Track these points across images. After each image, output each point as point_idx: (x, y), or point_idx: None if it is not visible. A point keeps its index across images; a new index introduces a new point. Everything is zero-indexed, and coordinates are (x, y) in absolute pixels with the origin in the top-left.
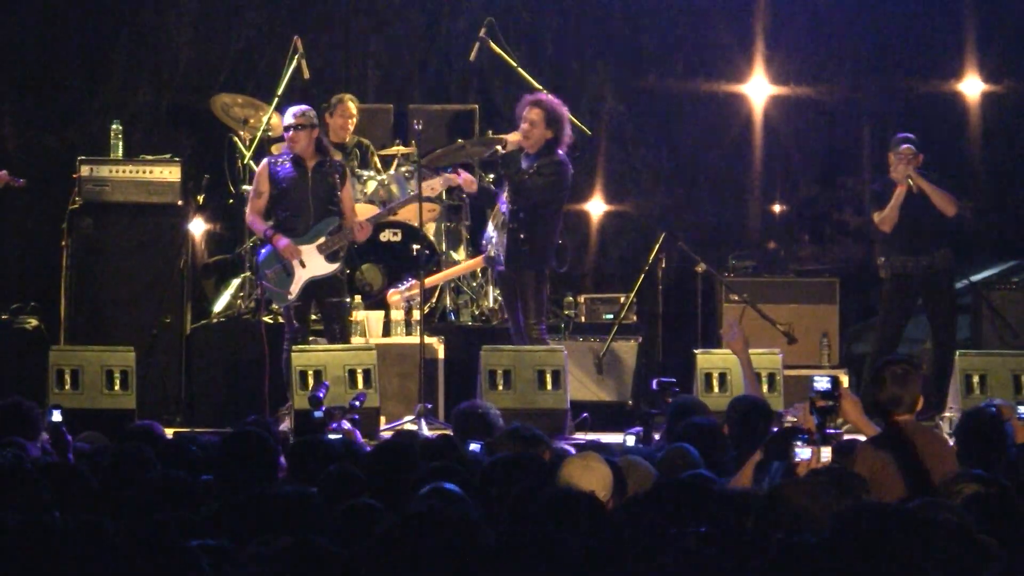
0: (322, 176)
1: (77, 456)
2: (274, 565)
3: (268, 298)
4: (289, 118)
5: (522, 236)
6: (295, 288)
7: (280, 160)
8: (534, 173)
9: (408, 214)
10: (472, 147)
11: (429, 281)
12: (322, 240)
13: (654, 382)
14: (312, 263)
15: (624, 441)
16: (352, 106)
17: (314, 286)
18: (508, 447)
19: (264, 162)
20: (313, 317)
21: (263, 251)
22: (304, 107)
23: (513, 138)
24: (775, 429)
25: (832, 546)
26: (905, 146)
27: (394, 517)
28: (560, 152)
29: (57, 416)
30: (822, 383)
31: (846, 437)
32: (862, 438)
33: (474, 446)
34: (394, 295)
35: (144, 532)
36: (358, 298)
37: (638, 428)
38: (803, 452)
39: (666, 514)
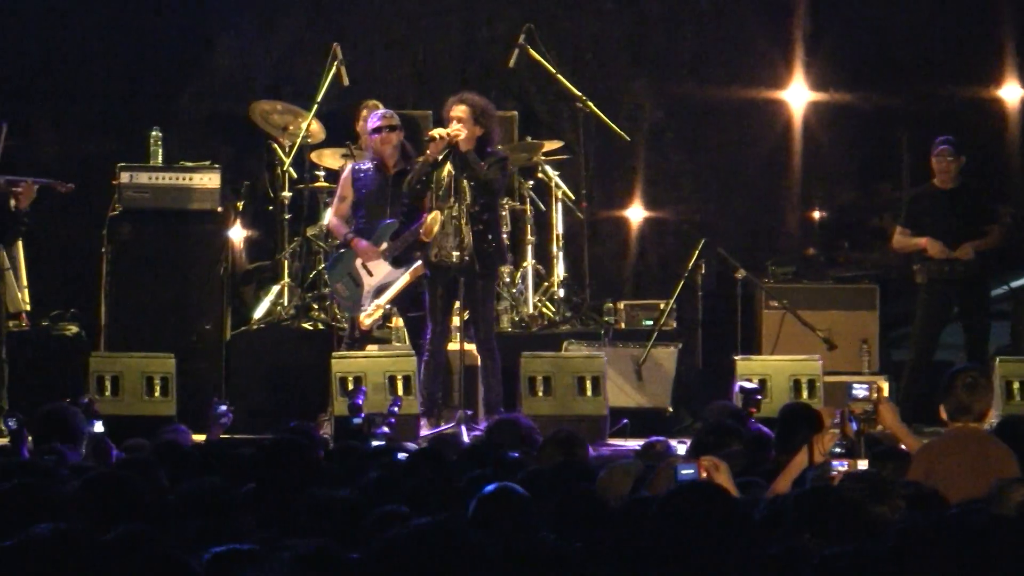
0: (400, 183)
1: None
2: (288, 570)
3: (342, 308)
4: (377, 120)
5: (489, 237)
6: (366, 299)
7: (363, 165)
8: (488, 170)
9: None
10: (511, 154)
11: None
12: (385, 245)
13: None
14: (378, 270)
15: (675, 448)
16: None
17: (395, 299)
18: (552, 454)
19: (348, 167)
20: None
21: (330, 262)
22: (388, 110)
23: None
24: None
25: (890, 556)
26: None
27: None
28: (498, 149)
29: (99, 427)
30: (861, 391)
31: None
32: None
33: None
34: (365, 319)
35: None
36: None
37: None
38: (839, 462)
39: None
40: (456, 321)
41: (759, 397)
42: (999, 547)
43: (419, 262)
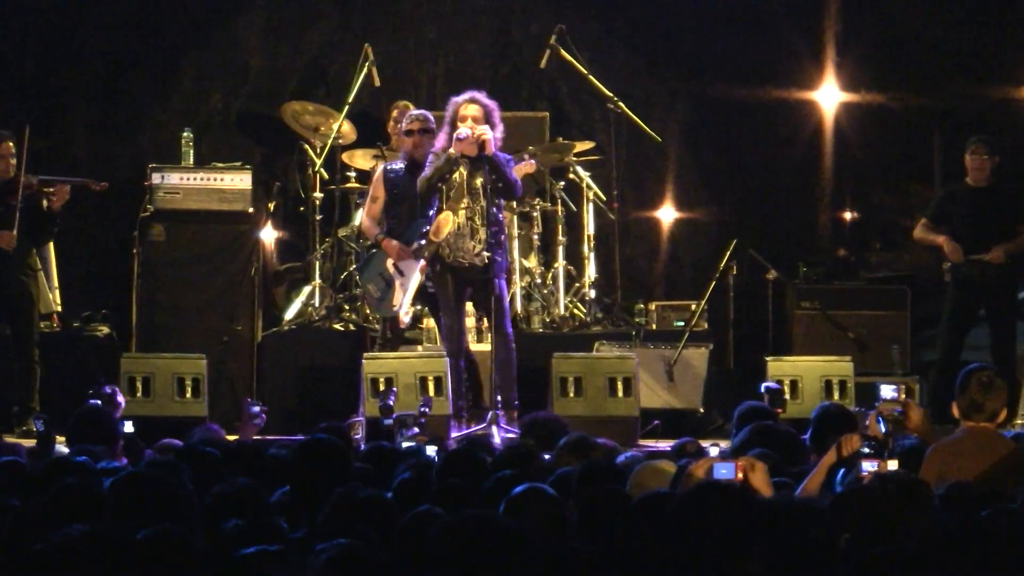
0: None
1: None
2: (324, 570)
3: (374, 309)
4: (410, 123)
5: (502, 237)
6: (398, 299)
7: (395, 166)
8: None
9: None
10: (543, 154)
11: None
12: (415, 247)
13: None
14: (409, 270)
15: (707, 450)
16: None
17: (423, 300)
18: (569, 458)
19: (380, 168)
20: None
21: (362, 263)
22: (422, 111)
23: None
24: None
25: (920, 556)
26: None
27: (447, 521)
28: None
29: (129, 427)
30: (889, 391)
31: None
32: None
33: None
34: (404, 316)
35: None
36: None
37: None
38: (869, 463)
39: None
40: (472, 321)
41: (785, 398)
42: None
43: (422, 261)
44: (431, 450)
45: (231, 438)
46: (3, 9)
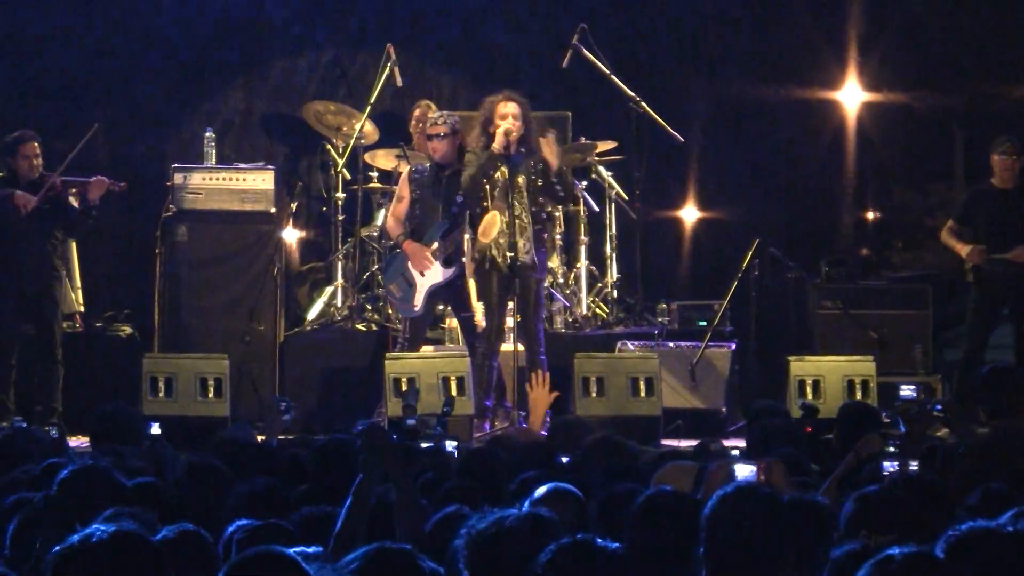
0: (454, 185)
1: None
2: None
3: (396, 309)
4: (432, 126)
5: (545, 236)
6: (419, 299)
7: (421, 166)
8: (543, 170)
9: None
10: (565, 155)
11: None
12: (436, 246)
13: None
14: (430, 271)
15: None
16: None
17: (445, 300)
18: (598, 456)
19: (407, 168)
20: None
21: (385, 263)
22: (446, 112)
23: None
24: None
25: (944, 559)
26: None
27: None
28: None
29: (156, 430)
30: (907, 391)
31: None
32: None
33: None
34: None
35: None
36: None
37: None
38: (891, 462)
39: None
40: (510, 323)
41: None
42: None
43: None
44: (451, 448)
45: (260, 438)
46: (25, 10)
